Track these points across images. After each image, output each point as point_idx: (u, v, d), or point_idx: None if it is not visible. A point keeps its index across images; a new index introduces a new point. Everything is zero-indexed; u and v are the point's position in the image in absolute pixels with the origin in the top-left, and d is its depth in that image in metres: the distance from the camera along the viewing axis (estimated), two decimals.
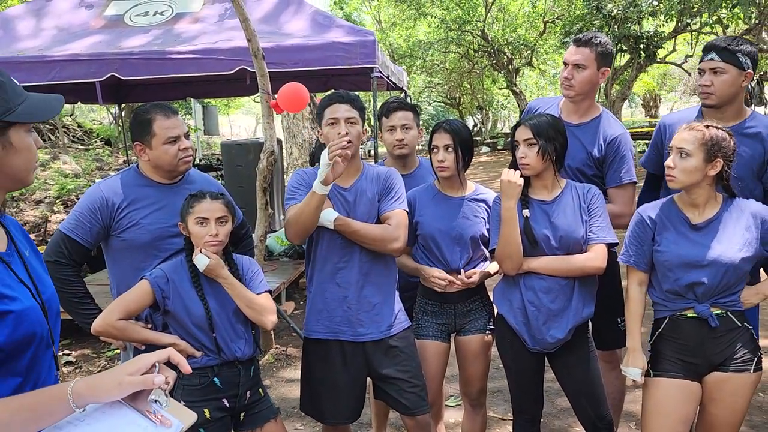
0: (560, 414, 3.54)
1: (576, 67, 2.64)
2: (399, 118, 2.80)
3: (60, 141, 13.93)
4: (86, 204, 2.35)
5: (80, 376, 4.33)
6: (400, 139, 2.80)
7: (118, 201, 2.34)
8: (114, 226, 2.35)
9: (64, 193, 9.63)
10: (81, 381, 1.17)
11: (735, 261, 2.11)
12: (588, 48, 2.64)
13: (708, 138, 2.09)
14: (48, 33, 5.38)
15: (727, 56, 2.42)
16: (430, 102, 32.32)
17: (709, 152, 2.09)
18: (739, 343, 2.16)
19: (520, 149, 2.35)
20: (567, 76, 2.66)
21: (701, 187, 2.15)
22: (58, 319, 1.39)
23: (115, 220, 2.34)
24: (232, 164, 6.93)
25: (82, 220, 2.34)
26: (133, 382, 1.16)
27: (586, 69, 2.64)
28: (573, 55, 2.65)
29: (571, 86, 2.66)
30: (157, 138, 2.33)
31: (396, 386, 2.46)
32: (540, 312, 2.35)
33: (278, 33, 5.04)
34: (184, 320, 2.18)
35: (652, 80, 25.40)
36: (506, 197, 2.29)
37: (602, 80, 2.74)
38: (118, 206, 2.34)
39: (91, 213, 2.33)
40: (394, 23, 22.69)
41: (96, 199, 2.35)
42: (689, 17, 13.78)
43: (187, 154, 2.39)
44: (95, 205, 2.34)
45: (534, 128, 2.33)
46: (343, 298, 2.42)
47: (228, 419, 2.24)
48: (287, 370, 4.44)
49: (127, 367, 1.18)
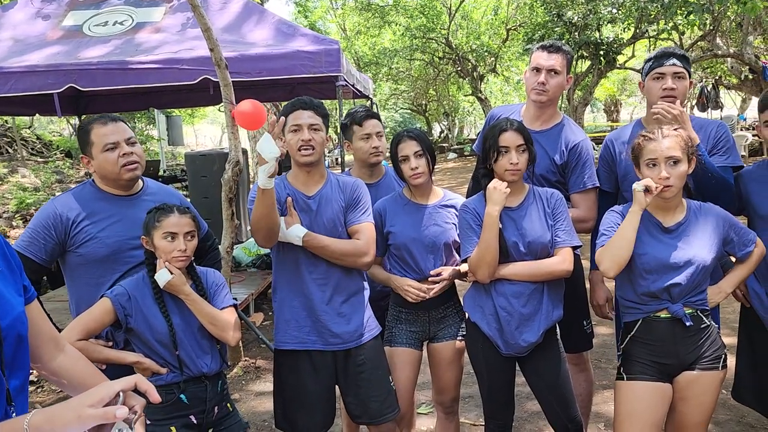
0: (531, 418, 3.56)
1: (550, 73, 2.68)
2: (372, 125, 2.79)
3: (18, 154, 13.55)
4: (40, 220, 2.29)
5: (41, 396, 4.20)
6: (377, 146, 2.79)
7: (73, 216, 2.28)
8: (69, 242, 2.29)
9: (23, 208, 9.38)
10: (38, 413, 1.08)
11: (707, 262, 2.17)
12: (560, 54, 2.70)
13: (685, 138, 2.15)
14: (3, 44, 5.24)
15: (685, 63, 2.55)
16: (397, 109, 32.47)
17: (689, 152, 2.15)
18: (707, 342, 2.21)
19: (512, 155, 2.31)
20: (542, 81, 2.68)
21: (679, 189, 2.19)
22: (21, 347, 1.28)
23: (71, 235, 2.28)
24: (196, 175, 6.83)
25: (36, 237, 2.27)
26: (94, 415, 1.05)
27: (560, 75, 2.70)
28: (548, 61, 2.68)
29: (546, 91, 2.69)
30: (95, 146, 2.29)
31: (358, 395, 2.45)
32: (512, 317, 2.36)
33: (241, 42, 4.99)
34: (148, 337, 2.13)
35: (612, 86, 25.96)
36: (492, 203, 2.29)
37: (568, 86, 2.80)
38: (73, 221, 2.27)
39: (45, 229, 2.27)
40: (359, 31, 22.78)
41: (50, 214, 2.28)
42: (647, 24, 14.14)
43: (128, 160, 2.30)
44: (49, 221, 2.27)
45: (524, 133, 2.34)
46: (311, 308, 2.40)
47: None
48: (257, 382, 4.38)
49: (88, 398, 1.08)
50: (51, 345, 1.47)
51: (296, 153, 2.36)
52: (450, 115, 30.14)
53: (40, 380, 4.35)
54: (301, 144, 2.33)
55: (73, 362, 1.49)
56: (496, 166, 2.36)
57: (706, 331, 2.22)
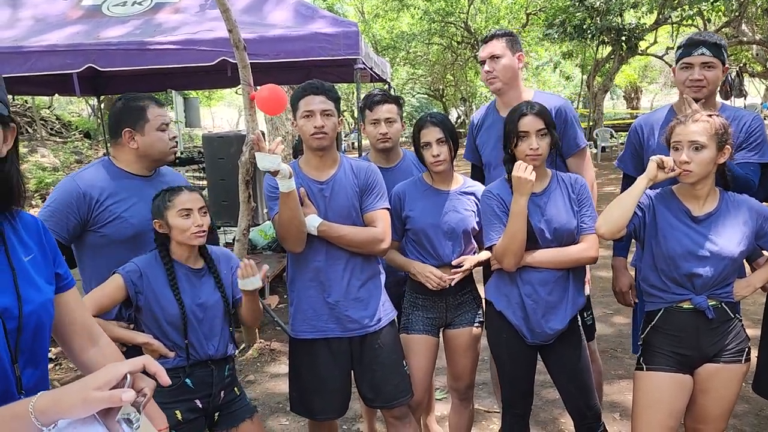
0: (546, 406, 3.54)
1: (492, 59, 2.73)
2: (383, 111, 2.76)
3: (38, 134, 13.69)
4: (61, 198, 2.24)
5: (59, 373, 4.25)
6: (384, 133, 2.76)
7: (96, 194, 2.24)
8: (93, 221, 2.25)
9: (42, 187, 9.49)
10: (44, 396, 1.03)
11: (734, 255, 2.12)
12: (495, 40, 2.75)
13: (717, 127, 2.08)
14: (24, 23, 5.25)
15: (716, 51, 2.48)
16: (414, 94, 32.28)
17: (720, 141, 2.08)
18: (731, 334, 2.17)
19: (532, 141, 2.28)
20: (488, 70, 2.75)
21: (709, 177, 2.14)
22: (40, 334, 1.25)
23: (94, 214, 2.24)
24: (213, 157, 6.84)
25: (58, 215, 2.22)
26: (100, 398, 1.00)
27: (502, 57, 2.72)
28: (484, 51, 2.76)
29: (496, 77, 2.74)
30: (150, 124, 2.30)
31: (372, 379, 2.45)
32: (538, 305, 2.34)
33: (260, 24, 4.96)
34: (158, 318, 2.11)
35: (633, 72, 25.61)
36: (519, 193, 2.25)
37: (520, 64, 2.81)
38: (97, 200, 2.24)
39: (68, 207, 2.22)
40: (377, 14, 22.61)
41: (72, 192, 2.23)
42: (670, 9, 13.88)
43: (174, 144, 2.40)
44: (72, 199, 2.22)
45: (545, 118, 2.30)
46: (328, 297, 2.39)
47: (201, 420, 2.18)
48: (272, 365, 4.41)
49: (94, 380, 1.03)
50: (84, 336, 1.45)
51: (309, 138, 2.34)
52: (467, 101, 29.92)
53: (59, 357, 4.40)
54: (314, 130, 2.31)
55: (105, 358, 1.44)
56: (516, 151, 2.32)
57: (731, 323, 2.17)
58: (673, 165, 2.10)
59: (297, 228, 2.27)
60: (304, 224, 2.28)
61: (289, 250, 2.38)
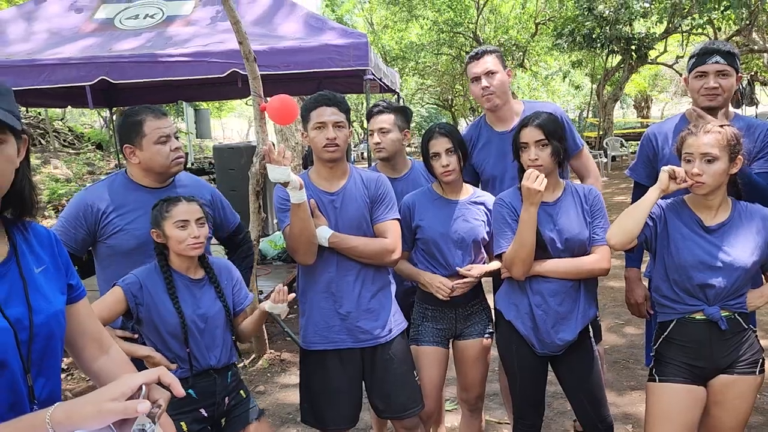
0: (557, 417, 3.51)
1: (488, 75, 2.72)
2: (378, 121, 2.79)
3: (51, 145, 13.83)
4: (72, 210, 2.31)
5: (71, 383, 4.27)
6: (377, 142, 2.79)
7: (103, 206, 2.30)
8: (99, 233, 2.31)
9: (55, 198, 9.56)
10: (60, 407, 1.05)
11: (747, 265, 2.10)
12: (488, 56, 2.74)
13: (729, 137, 2.07)
14: (38, 37, 5.33)
15: (730, 60, 2.48)
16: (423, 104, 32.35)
17: (732, 151, 2.07)
18: (744, 346, 2.14)
19: (531, 151, 2.29)
20: (485, 85, 2.73)
21: (721, 188, 2.12)
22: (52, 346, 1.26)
23: (100, 226, 2.30)
24: (224, 168, 6.89)
25: (68, 227, 2.30)
26: (115, 410, 1.01)
27: (497, 73, 2.73)
28: (480, 66, 2.74)
29: (493, 93, 2.73)
30: (147, 138, 2.29)
31: (383, 390, 2.44)
32: (548, 315, 2.33)
33: (270, 35, 5.00)
34: (159, 329, 2.11)
35: (643, 81, 25.52)
36: (528, 202, 2.25)
37: (510, 79, 2.83)
38: (103, 212, 2.29)
39: (76, 219, 2.29)
40: (386, 25, 22.71)
41: (81, 204, 2.31)
42: (680, 18, 13.85)
43: (178, 155, 2.35)
44: (79, 212, 2.30)
45: (545, 128, 2.30)
46: (340, 308, 2.39)
47: (207, 429, 2.18)
48: (282, 375, 4.40)
49: (109, 391, 1.04)
50: (95, 345, 1.45)
51: (321, 150, 2.34)
52: (476, 111, 29.95)
53: (71, 368, 4.42)
54: (326, 142, 2.32)
55: (115, 366, 1.46)
56: (521, 161, 2.35)
57: (744, 334, 2.15)
58: (685, 176, 2.09)
59: (308, 239, 2.28)
60: (315, 236, 2.29)
61: (300, 262, 2.38)
